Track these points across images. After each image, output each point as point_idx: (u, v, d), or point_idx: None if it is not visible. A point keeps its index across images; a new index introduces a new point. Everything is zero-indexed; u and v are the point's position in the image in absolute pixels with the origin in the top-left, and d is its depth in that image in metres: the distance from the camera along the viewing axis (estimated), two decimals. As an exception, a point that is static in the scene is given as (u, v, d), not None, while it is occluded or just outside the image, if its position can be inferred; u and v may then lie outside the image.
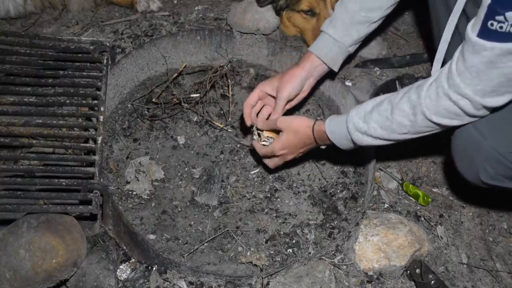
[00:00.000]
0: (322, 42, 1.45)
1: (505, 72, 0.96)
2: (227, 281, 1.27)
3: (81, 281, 1.23)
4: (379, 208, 1.51)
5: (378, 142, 1.22)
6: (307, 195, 1.56)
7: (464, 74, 1.01)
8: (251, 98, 1.48)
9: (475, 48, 0.96)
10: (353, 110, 1.24)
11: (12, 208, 1.17)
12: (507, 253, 1.50)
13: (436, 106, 1.08)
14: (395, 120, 1.15)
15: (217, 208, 1.50)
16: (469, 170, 1.21)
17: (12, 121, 1.27)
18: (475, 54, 0.97)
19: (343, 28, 1.43)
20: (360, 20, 1.42)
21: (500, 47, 0.93)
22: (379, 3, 1.41)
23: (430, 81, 1.10)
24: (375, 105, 1.20)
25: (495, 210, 1.59)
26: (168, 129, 1.68)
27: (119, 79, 1.64)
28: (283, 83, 1.44)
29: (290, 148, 1.39)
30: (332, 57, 1.45)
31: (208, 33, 1.76)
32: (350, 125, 1.22)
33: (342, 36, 1.43)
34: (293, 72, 1.44)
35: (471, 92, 1.01)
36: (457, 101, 1.05)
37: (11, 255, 1.13)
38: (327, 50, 1.44)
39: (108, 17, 1.91)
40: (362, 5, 1.41)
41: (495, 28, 0.91)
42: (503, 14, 0.89)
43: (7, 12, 1.80)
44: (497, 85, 1.00)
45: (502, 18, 0.89)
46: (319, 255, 1.35)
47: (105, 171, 1.50)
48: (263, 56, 1.81)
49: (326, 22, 1.46)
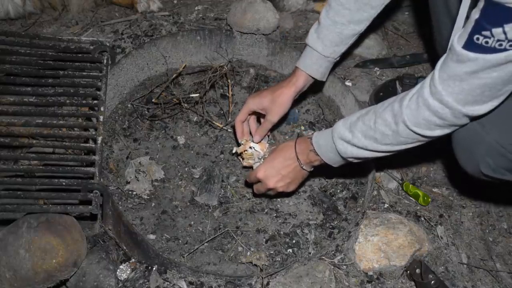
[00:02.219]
0: (312, 59, 1.43)
1: (487, 82, 0.96)
2: (227, 281, 1.27)
3: (81, 281, 1.23)
4: (379, 208, 1.51)
5: (362, 153, 1.20)
6: (307, 195, 1.56)
7: (446, 82, 1.00)
8: (241, 116, 1.49)
9: (459, 58, 0.96)
10: (340, 121, 1.23)
11: (12, 208, 1.17)
12: (507, 253, 1.50)
13: (416, 117, 1.07)
14: (378, 130, 1.13)
15: (217, 208, 1.50)
16: (470, 163, 1.20)
17: (12, 121, 1.27)
18: (458, 64, 0.97)
19: (331, 44, 1.41)
20: (348, 34, 1.40)
21: (483, 58, 0.93)
22: (368, 14, 1.39)
23: (413, 92, 1.09)
24: (361, 115, 1.19)
25: (495, 210, 1.59)
26: (168, 129, 1.68)
27: (119, 79, 1.64)
28: (274, 106, 1.43)
29: (271, 169, 1.33)
30: (322, 71, 1.46)
31: (208, 33, 1.76)
32: (335, 134, 1.21)
33: (332, 52, 1.42)
34: (286, 93, 1.42)
35: (452, 100, 1.01)
36: (436, 111, 1.04)
37: (11, 255, 1.13)
38: (318, 66, 1.44)
39: (108, 17, 1.91)
40: (351, 18, 1.38)
41: (480, 43, 0.91)
42: (490, 30, 0.89)
43: (6, 13, 1.80)
44: (479, 94, 0.99)
45: (488, 34, 0.89)
46: (319, 255, 1.35)
47: (105, 171, 1.50)
48: (263, 56, 1.81)
49: (313, 36, 1.42)
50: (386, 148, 1.17)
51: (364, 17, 1.39)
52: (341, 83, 1.69)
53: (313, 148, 1.27)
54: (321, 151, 1.26)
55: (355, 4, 1.36)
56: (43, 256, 1.14)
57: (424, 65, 1.91)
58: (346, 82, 1.78)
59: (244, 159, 1.52)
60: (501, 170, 1.17)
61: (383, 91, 1.72)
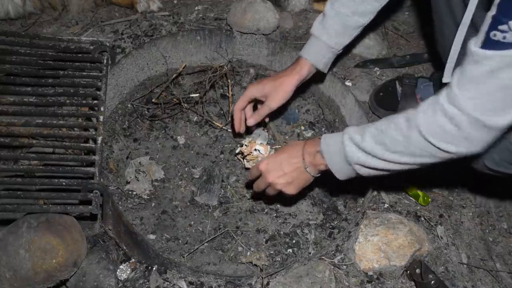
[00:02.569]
0: (316, 48, 1.43)
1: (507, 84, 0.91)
2: (227, 281, 1.27)
3: (81, 281, 1.23)
4: (379, 208, 1.51)
5: (370, 161, 1.12)
6: (307, 195, 1.56)
7: (464, 87, 0.95)
8: (241, 103, 1.46)
9: (475, 58, 0.92)
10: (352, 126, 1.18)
11: (12, 208, 1.17)
12: (507, 253, 1.50)
13: (431, 123, 1.00)
14: (389, 134, 1.06)
15: (217, 208, 1.50)
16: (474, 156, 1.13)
17: (12, 121, 1.27)
18: (475, 65, 0.93)
19: (336, 34, 1.41)
20: (353, 25, 1.41)
21: (500, 54, 0.89)
22: (372, 6, 1.40)
23: (431, 98, 1.03)
24: (374, 122, 1.14)
25: (495, 210, 1.59)
26: (168, 129, 1.68)
27: (119, 79, 1.64)
28: (276, 93, 1.41)
29: (274, 163, 1.27)
30: (325, 62, 1.46)
31: (208, 33, 1.76)
32: (345, 136, 1.15)
33: (336, 42, 1.42)
34: (289, 81, 1.41)
35: (470, 106, 0.94)
36: (452, 117, 0.97)
37: (11, 255, 1.13)
38: (321, 56, 1.44)
39: (108, 17, 1.91)
40: (356, 9, 1.38)
41: (497, 39, 0.88)
42: (507, 23, 0.86)
43: (6, 13, 1.80)
44: (499, 100, 0.93)
45: (505, 28, 0.86)
46: (319, 255, 1.35)
47: (105, 171, 1.50)
48: (263, 56, 1.81)
49: (318, 26, 1.43)
50: (396, 158, 1.08)
51: (368, 9, 1.39)
52: (341, 83, 1.69)
53: (320, 149, 1.20)
54: (328, 153, 1.18)
55: None
56: (43, 256, 1.14)
57: (424, 65, 1.91)
58: (346, 82, 1.78)
59: (249, 161, 1.48)
60: (505, 163, 1.15)
61: (383, 91, 1.72)
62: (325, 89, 1.75)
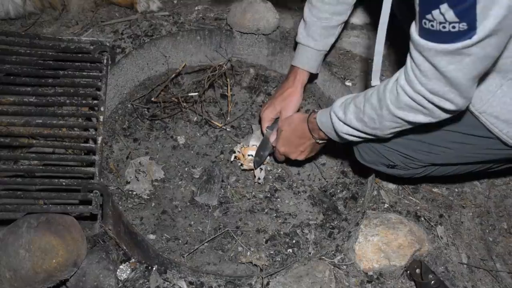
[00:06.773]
0: (307, 55, 1.53)
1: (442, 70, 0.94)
2: (227, 281, 1.27)
3: (81, 281, 1.23)
4: (379, 208, 1.51)
5: (357, 133, 1.23)
6: (307, 195, 1.56)
7: (415, 71, 1.00)
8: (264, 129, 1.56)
9: (416, 47, 0.96)
10: (338, 100, 1.25)
11: (12, 208, 1.17)
12: (507, 253, 1.50)
13: (398, 102, 1.07)
14: (366, 113, 1.15)
15: (217, 208, 1.50)
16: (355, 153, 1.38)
17: (12, 121, 1.27)
18: (417, 53, 0.96)
19: (321, 37, 1.51)
20: (334, 25, 1.50)
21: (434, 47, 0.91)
22: (346, 3, 1.47)
23: (396, 76, 1.08)
24: (354, 96, 1.21)
25: (495, 210, 1.59)
26: (168, 129, 1.68)
27: (119, 79, 1.64)
28: (289, 106, 1.50)
29: (288, 146, 1.43)
30: (318, 64, 1.56)
31: (208, 33, 1.76)
32: (332, 113, 1.24)
33: (323, 45, 1.52)
34: (294, 90, 1.52)
35: (423, 89, 1.00)
36: (413, 97, 1.03)
37: (11, 255, 1.13)
38: (313, 61, 1.54)
39: (108, 17, 1.91)
40: (333, 10, 1.47)
41: (428, 27, 0.90)
42: (431, 13, 0.88)
43: (6, 13, 1.80)
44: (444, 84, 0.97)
45: (430, 17, 0.89)
46: (319, 255, 1.35)
47: (105, 171, 1.50)
48: (263, 56, 1.81)
49: (303, 34, 1.52)
50: (375, 132, 1.19)
51: (344, 8, 1.48)
52: (341, 83, 1.69)
53: (318, 126, 1.32)
54: (324, 128, 1.31)
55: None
56: (43, 256, 1.14)
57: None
58: (346, 82, 1.78)
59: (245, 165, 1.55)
60: (374, 163, 1.35)
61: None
62: (325, 89, 1.75)
